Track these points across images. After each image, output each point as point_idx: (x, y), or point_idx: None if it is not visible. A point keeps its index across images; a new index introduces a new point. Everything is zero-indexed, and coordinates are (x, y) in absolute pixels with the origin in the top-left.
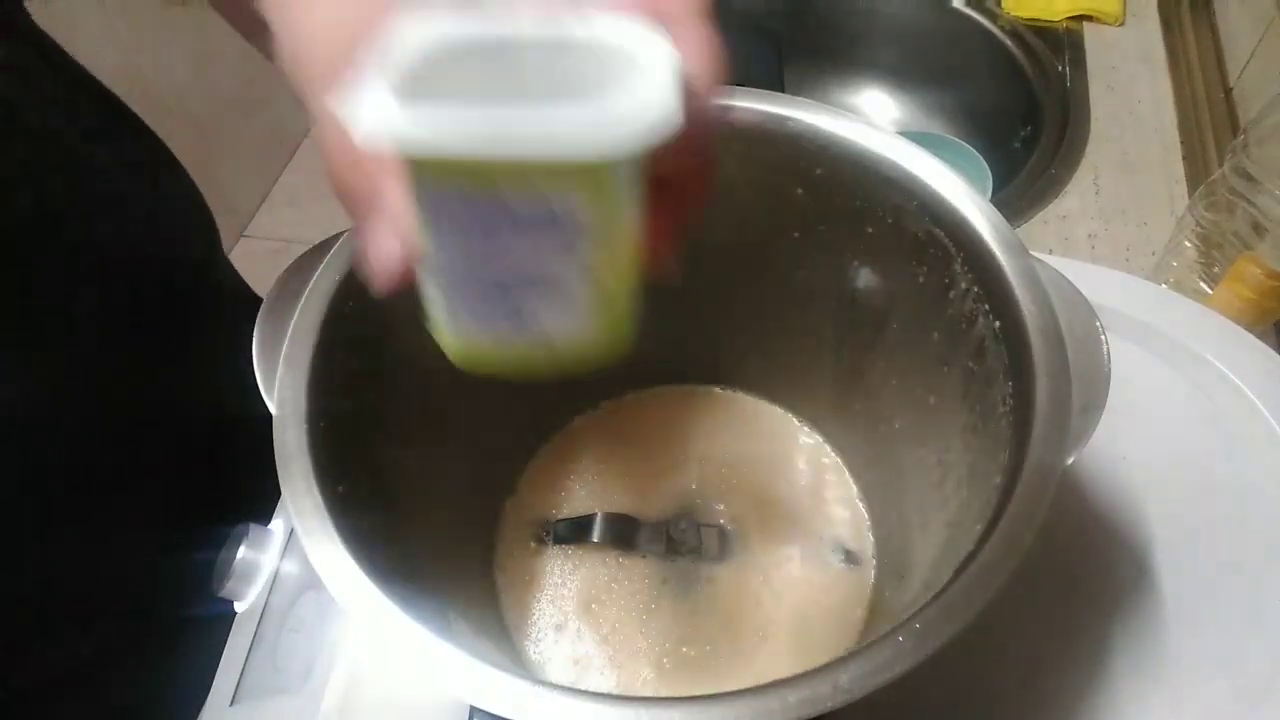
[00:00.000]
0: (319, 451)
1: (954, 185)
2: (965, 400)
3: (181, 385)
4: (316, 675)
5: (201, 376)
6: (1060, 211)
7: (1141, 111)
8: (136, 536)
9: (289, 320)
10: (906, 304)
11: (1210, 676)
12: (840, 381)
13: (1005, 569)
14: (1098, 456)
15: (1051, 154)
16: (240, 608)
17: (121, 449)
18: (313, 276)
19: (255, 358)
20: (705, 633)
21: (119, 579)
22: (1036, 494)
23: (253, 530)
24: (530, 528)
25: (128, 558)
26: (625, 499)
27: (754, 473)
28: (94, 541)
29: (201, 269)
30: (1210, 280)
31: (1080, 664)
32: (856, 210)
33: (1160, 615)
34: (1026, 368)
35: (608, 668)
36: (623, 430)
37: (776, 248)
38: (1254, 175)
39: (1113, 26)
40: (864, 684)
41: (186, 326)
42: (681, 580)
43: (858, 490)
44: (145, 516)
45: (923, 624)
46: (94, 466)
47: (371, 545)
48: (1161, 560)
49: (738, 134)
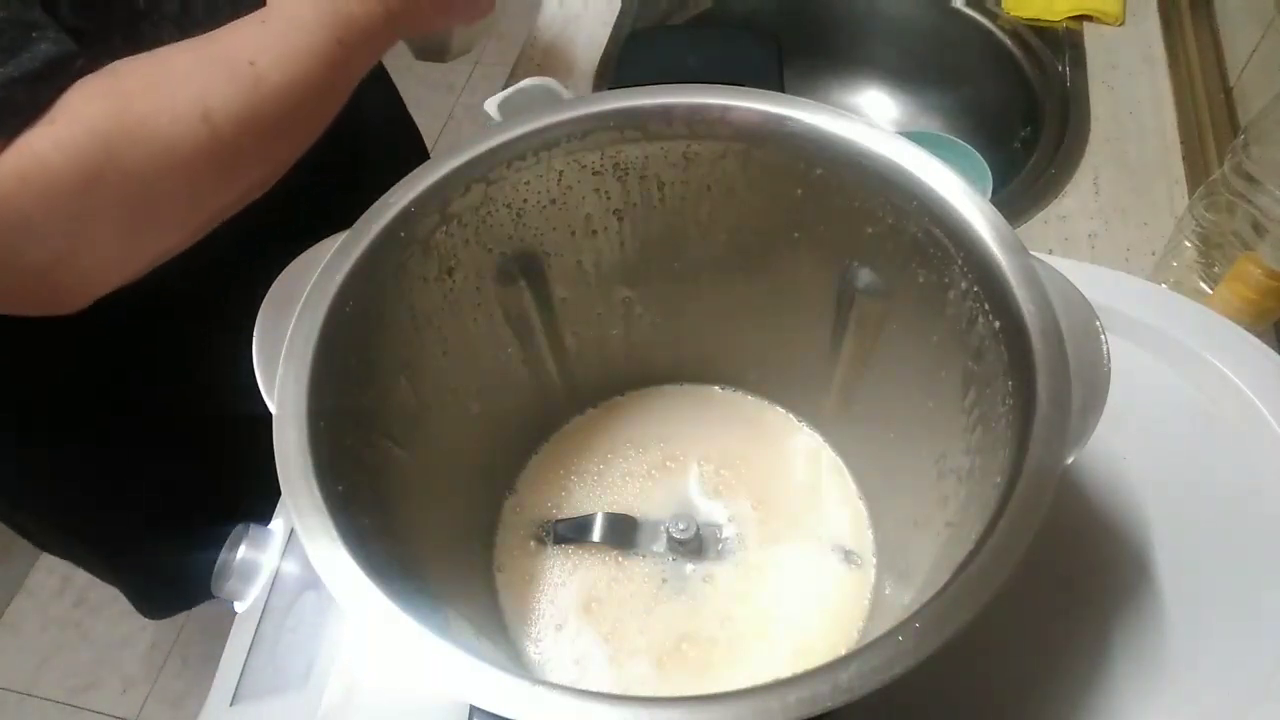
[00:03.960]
0: (319, 451)
1: (954, 185)
2: (965, 400)
3: (182, 385)
4: (316, 675)
5: (201, 376)
6: (1060, 211)
7: (1141, 111)
8: (137, 536)
9: (289, 320)
10: (906, 304)
11: (1210, 676)
12: (840, 382)
13: (1005, 569)
14: (1098, 456)
15: (1051, 154)
16: (240, 608)
17: (121, 449)
18: (313, 276)
19: (255, 358)
20: (705, 632)
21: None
22: (1036, 494)
23: (253, 530)
24: (530, 528)
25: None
26: (625, 499)
27: (754, 473)
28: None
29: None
30: (1210, 280)
31: (1080, 664)
32: (856, 210)
33: (1160, 615)
34: (1026, 368)
35: (607, 667)
36: (623, 430)
37: (776, 248)
38: (1254, 175)
39: (1113, 26)
40: (864, 684)
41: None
42: (681, 580)
43: (858, 490)
44: (146, 516)
45: (923, 624)
46: (94, 467)
47: (371, 545)
48: (1161, 560)
49: (738, 134)
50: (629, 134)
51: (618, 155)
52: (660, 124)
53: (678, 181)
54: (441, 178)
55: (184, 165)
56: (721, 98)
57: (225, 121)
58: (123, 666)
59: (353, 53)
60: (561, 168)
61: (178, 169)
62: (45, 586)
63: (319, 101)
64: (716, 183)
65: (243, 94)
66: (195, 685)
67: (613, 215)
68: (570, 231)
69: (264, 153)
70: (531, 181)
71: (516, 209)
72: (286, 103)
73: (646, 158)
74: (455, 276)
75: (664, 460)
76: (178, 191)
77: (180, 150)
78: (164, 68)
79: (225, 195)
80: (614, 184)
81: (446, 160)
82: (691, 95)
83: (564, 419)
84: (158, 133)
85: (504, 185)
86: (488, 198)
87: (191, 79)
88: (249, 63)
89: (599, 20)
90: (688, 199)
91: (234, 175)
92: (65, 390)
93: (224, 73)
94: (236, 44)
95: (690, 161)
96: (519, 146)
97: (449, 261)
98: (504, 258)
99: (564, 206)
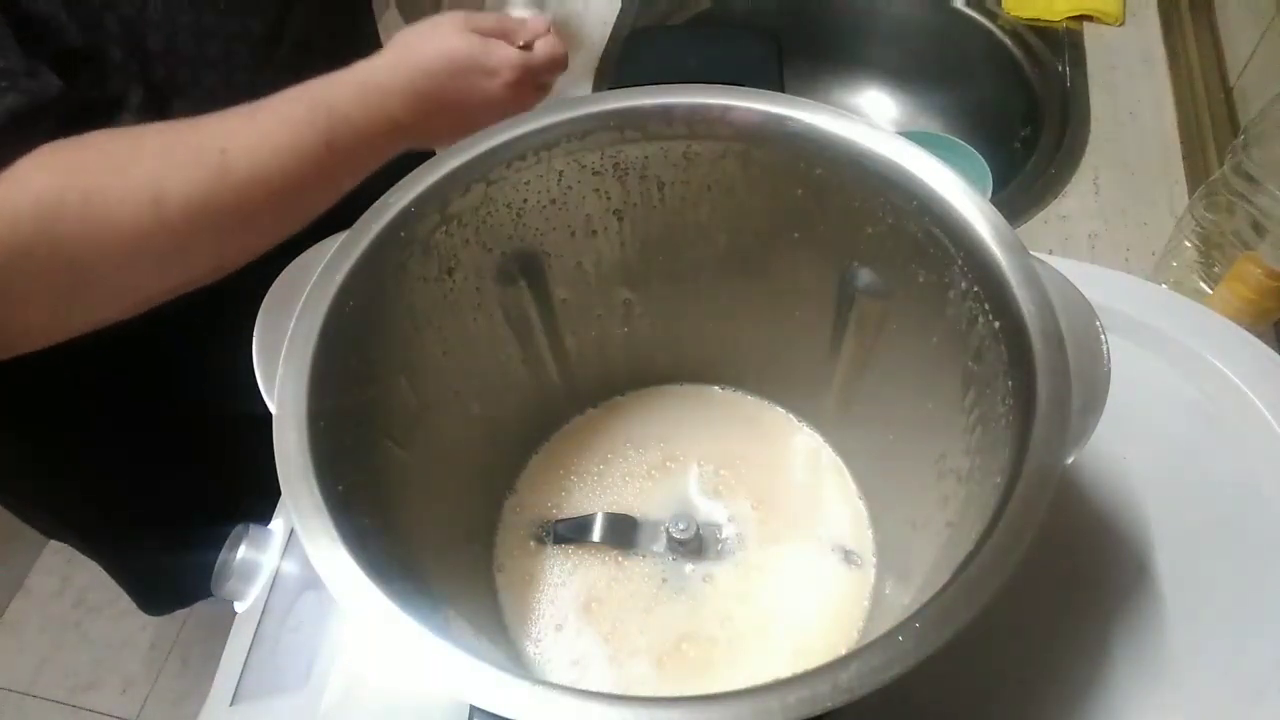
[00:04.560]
0: (319, 451)
1: (954, 185)
2: (965, 400)
3: (182, 385)
4: (316, 675)
5: (201, 376)
6: (1060, 211)
7: (1141, 111)
8: (137, 536)
9: (289, 320)
10: (906, 304)
11: (1210, 676)
12: (840, 382)
13: (1005, 569)
14: (1098, 456)
15: (1051, 154)
16: (240, 608)
17: (122, 449)
18: (313, 276)
19: (255, 358)
20: (705, 632)
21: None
22: (1036, 494)
23: (253, 530)
24: (530, 528)
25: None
26: (625, 499)
27: (754, 473)
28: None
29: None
30: (1210, 280)
31: (1080, 664)
32: (856, 210)
33: (1160, 615)
34: (1026, 368)
35: (607, 667)
36: (623, 430)
37: (776, 248)
38: (1254, 175)
39: (1113, 26)
40: (864, 684)
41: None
42: (681, 580)
43: (858, 490)
44: (146, 516)
45: (923, 624)
46: (94, 466)
47: (371, 545)
48: (1161, 560)
49: (738, 134)
50: (629, 134)
51: (618, 155)
52: (660, 124)
53: (678, 181)
54: (441, 178)
55: (123, 247)
56: (721, 98)
57: (177, 208)
58: (123, 666)
59: (344, 158)
60: (561, 168)
61: (115, 250)
62: (45, 586)
63: (294, 200)
64: (716, 183)
65: (204, 182)
66: (195, 685)
67: (613, 215)
68: (570, 231)
69: (216, 244)
70: (531, 181)
71: (516, 209)
72: (251, 196)
73: (646, 158)
74: (455, 276)
75: (664, 460)
76: (112, 272)
77: (122, 231)
78: (133, 144)
79: (166, 281)
80: (614, 184)
81: (446, 160)
82: (691, 95)
83: (564, 419)
84: (101, 211)
85: (504, 185)
86: (488, 198)
87: (154, 159)
88: (220, 150)
89: (599, 20)
90: (688, 199)
91: (177, 263)
92: (65, 390)
93: (190, 157)
94: (214, 130)
95: (690, 161)
96: (519, 146)
97: (449, 261)
98: (504, 258)
99: (564, 206)
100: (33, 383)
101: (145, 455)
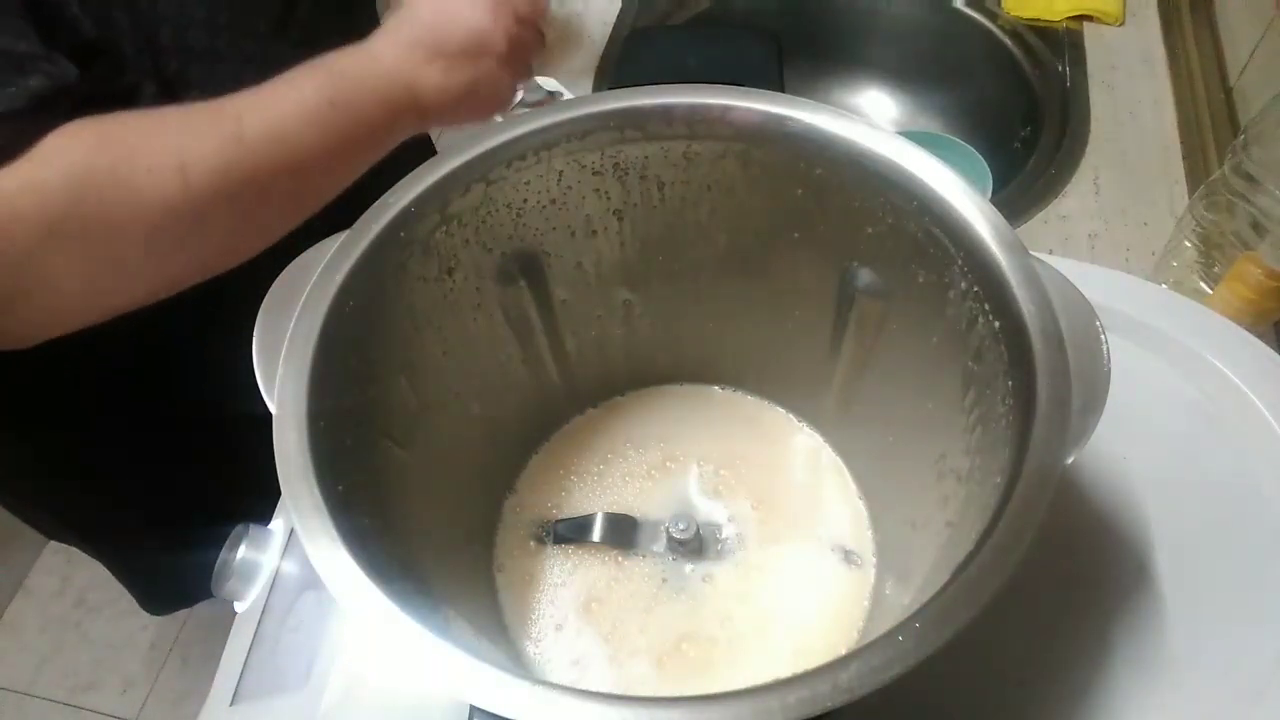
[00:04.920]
0: (319, 451)
1: (954, 185)
2: (965, 400)
3: (182, 385)
4: (316, 675)
5: (201, 376)
6: (1060, 211)
7: (1141, 111)
8: (137, 536)
9: (289, 320)
10: (906, 304)
11: (1210, 676)
12: (840, 382)
13: (1005, 569)
14: (1098, 456)
15: (1051, 154)
16: (240, 608)
17: (122, 448)
18: (313, 276)
19: (255, 358)
20: (705, 632)
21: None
22: (1036, 494)
23: (253, 530)
24: (530, 527)
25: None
26: (625, 499)
27: (753, 473)
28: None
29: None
30: (1210, 280)
31: (1080, 664)
32: (856, 210)
33: (1160, 615)
34: (1026, 368)
35: (607, 667)
36: (623, 430)
37: (776, 248)
38: (1254, 175)
39: (1113, 26)
40: (864, 684)
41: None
42: (681, 580)
43: (858, 490)
44: (146, 516)
45: (923, 624)
46: (94, 466)
47: (371, 545)
48: (1161, 560)
49: (738, 134)
50: (629, 134)
51: (618, 155)
52: (660, 124)
53: (678, 181)
54: (441, 178)
55: (151, 215)
56: (721, 98)
57: (200, 175)
58: (123, 666)
59: (347, 113)
60: (561, 168)
61: (144, 219)
62: (45, 586)
63: (307, 169)
64: (716, 183)
65: (222, 148)
66: (195, 685)
67: (613, 215)
68: (570, 231)
69: (237, 213)
70: (531, 181)
71: (516, 209)
72: (265, 161)
73: (646, 158)
74: (455, 276)
75: (664, 460)
76: (142, 242)
77: (150, 200)
78: (156, 118)
79: (192, 252)
80: (614, 184)
81: (446, 160)
82: (691, 95)
83: (564, 419)
84: (130, 181)
85: (504, 185)
86: (488, 198)
87: (176, 129)
88: (235, 118)
89: (599, 20)
90: (688, 199)
91: (202, 232)
92: (65, 390)
93: (209, 126)
94: (232, 101)
95: (690, 161)
96: (519, 146)
97: (449, 261)
98: (504, 258)
99: (564, 206)
100: (33, 383)
101: (145, 455)
